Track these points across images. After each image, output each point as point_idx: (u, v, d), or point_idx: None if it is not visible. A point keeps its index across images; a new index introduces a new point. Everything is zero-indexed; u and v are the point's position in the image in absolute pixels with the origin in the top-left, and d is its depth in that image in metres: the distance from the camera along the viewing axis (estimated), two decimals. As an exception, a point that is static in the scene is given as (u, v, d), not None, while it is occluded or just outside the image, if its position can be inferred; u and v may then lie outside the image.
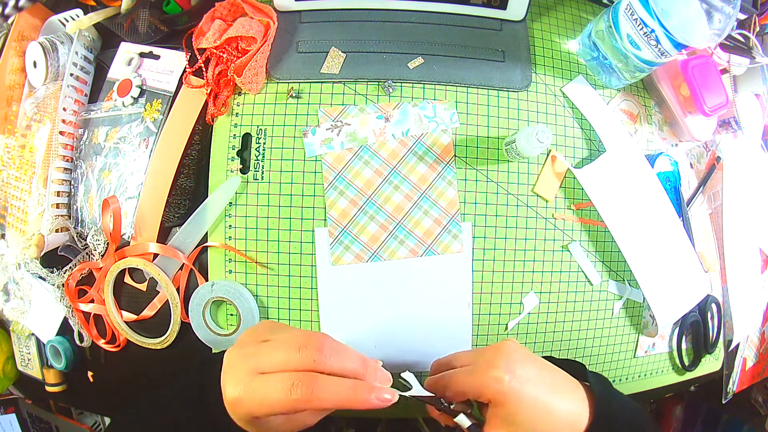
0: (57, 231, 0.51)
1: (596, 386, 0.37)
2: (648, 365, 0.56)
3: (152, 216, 0.48)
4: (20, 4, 0.54)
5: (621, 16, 0.46)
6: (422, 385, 0.38)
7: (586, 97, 0.52)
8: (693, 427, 0.73)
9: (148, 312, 0.51)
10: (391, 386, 0.34)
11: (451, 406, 0.37)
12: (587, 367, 0.41)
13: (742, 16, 0.54)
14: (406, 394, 0.35)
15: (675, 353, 0.57)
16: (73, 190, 0.53)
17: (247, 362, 0.33)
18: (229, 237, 0.49)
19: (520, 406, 0.34)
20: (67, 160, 0.53)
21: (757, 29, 0.55)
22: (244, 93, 0.50)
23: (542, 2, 0.54)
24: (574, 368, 0.39)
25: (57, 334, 0.55)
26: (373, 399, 0.32)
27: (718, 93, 0.51)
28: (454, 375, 0.37)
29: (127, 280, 0.51)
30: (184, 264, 0.49)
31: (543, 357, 0.39)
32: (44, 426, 0.69)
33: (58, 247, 0.52)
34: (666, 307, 0.52)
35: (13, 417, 0.67)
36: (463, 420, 0.36)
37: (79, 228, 0.53)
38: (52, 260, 0.52)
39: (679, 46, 0.44)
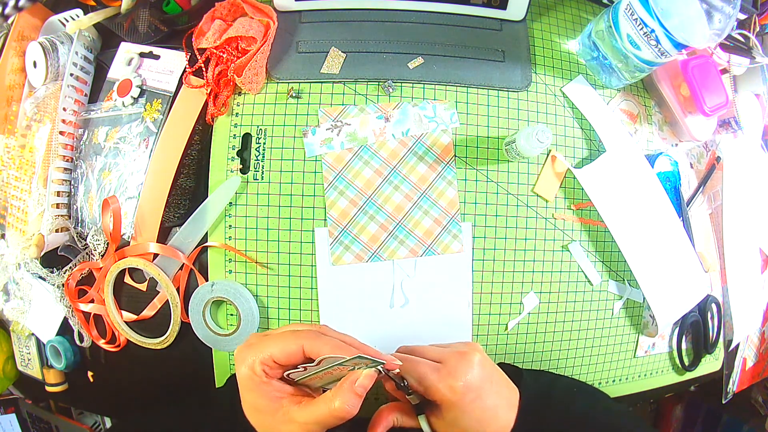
0: (57, 231, 0.51)
1: (526, 394, 0.40)
2: (648, 365, 0.56)
3: (152, 216, 0.48)
4: (20, 4, 0.54)
5: (621, 16, 0.46)
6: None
7: (586, 97, 0.52)
8: (693, 427, 0.73)
9: (148, 312, 0.51)
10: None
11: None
12: (571, 361, 0.44)
13: (742, 16, 0.54)
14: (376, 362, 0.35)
15: (675, 353, 0.57)
16: (73, 190, 0.53)
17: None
18: (229, 237, 0.49)
19: (465, 414, 0.37)
20: (67, 160, 0.53)
21: (757, 29, 0.55)
22: (244, 93, 0.50)
23: (542, 2, 0.54)
24: (513, 372, 0.42)
25: (57, 334, 0.55)
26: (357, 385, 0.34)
27: (718, 93, 0.51)
28: (417, 365, 0.38)
29: (127, 280, 0.51)
30: (184, 264, 0.49)
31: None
32: (44, 426, 0.69)
33: (58, 247, 0.52)
34: (666, 307, 0.52)
35: (13, 417, 0.67)
36: (414, 397, 0.39)
37: (79, 228, 0.53)
38: (52, 260, 0.52)
39: (679, 46, 0.44)
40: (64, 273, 0.52)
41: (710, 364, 0.60)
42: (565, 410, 0.42)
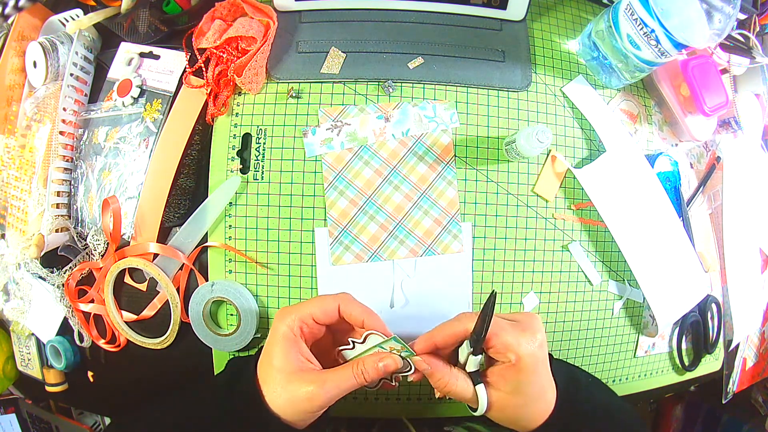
0: (57, 231, 0.51)
1: (561, 382, 0.39)
2: (648, 365, 0.56)
3: (152, 216, 0.48)
4: (20, 4, 0.54)
5: (621, 16, 0.46)
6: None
7: (586, 97, 0.52)
8: (693, 427, 0.73)
9: (148, 312, 0.51)
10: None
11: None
12: (571, 361, 0.44)
13: (742, 16, 0.54)
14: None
15: (675, 353, 0.57)
16: (73, 190, 0.53)
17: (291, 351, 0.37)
18: (229, 237, 0.49)
19: (532, 377, 0.36)
20: (67, 160, 0.53)
21: (757, 29, 0.55)
22: (244, 93, 0.50)
23: (542, 2, 0.54)
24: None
25: (57, 334, 0.55)
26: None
27: (718, 93, 0.51)
28: (497, 319, 0.38)
29: (127, 280, 0.51)
30: (184, 264, 0.49)
31: None
32: (44, 426, 0.69)
33: (58, 247, 0.52)
34: (666, 307, 0.52)
35: (13, 417, 0.67)
36: (476, 361, 0.37)
37: (79, 228, 0.53)
38: (52, 260, 0.52)
39: (679, 46, 0.44)
40: (64, 273, 0.52)
41: (710, 364, 0.60)
42: (590, 398, 0.41)
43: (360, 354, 0.39)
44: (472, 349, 0.37)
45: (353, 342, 0.39)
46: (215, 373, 0.51)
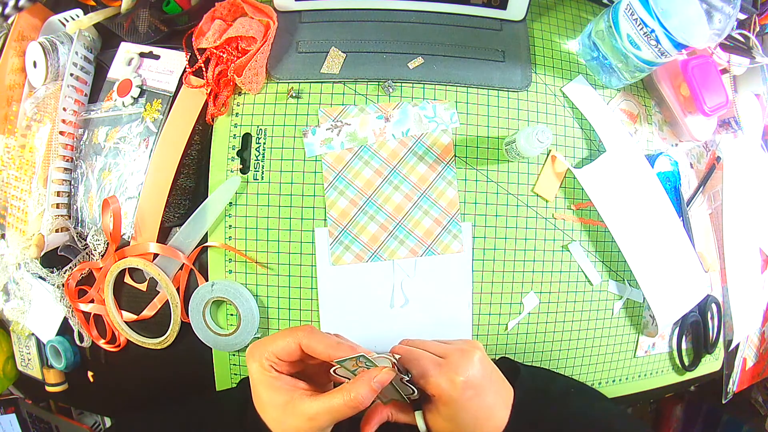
0: (57, 231, 0.51)
1: (520, 392, 0.40)
2: (648, 365, 0.56)
3: (152, 216, 0.48)
4: (20, 4, 0.54)
5: (621, 16, 0.46)
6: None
7: (586, 97, 0.52)
8: (693, 427, 0.73)
9: (148, 312, 0.51)
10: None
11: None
12: (571, 361, 0.45)
13: (742, 16, 0.54)
14: (387, 356, 0.37)
15: (675, 353, 0.57)
16: (73, 190, 0.53)
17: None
18: (229, 237, 0.49)
19: (463, 411, 0.37)
20: (67, 160, 0.53)
21: (757, 29, 0.55)
22: (244, 93, 0.50)
23: (542, 2, 0.54)
24: (509, 366, 0.43)
25: (57, 334, 0.55)
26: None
27: (718, 93, 0.51)
28: (421, 358, 0.39)
29: (127, 280, 0.51)
30: (184, 264, 0.49)
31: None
32: (44, 426, 0.69)
33: (58, 247, 0.52)
34: (666, 307, 0.52)
35: (13, 417, 0.67)
36: (413, 395, 0.39)
37: (79, 228, 0.53)
38: (52, 260, 0.52)
39: (679, 46, 0.44)
40: (64, 273, 0.52)
41: (710, 364, 0.60)
42: (560, 410, 0.42)
43: (345, 371, 0.37)
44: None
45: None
46: (217, 389, 0.51)
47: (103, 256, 0.51)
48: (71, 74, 0.53)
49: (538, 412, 0.40)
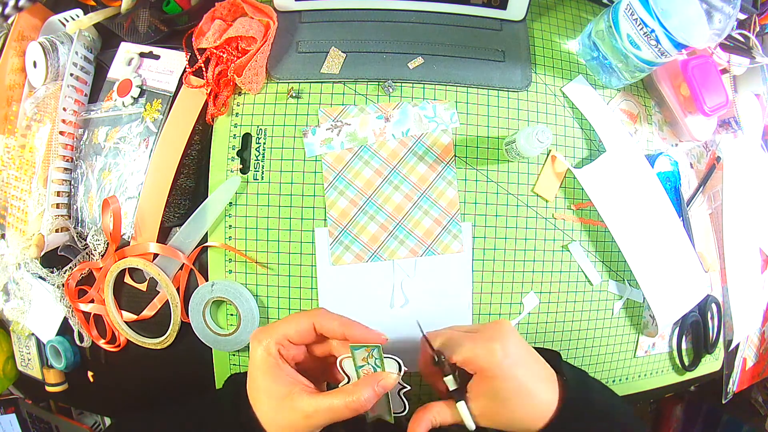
0: (57, 231, 0.51)
1: (569, 379, 0.38)
2: (648, 365, 0.56)
3: (152, 216, 0.48)
4: (20, 4, 0.54)
5: (621, 16, 0.46)
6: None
7: (586, 97, 0.52)
8: (693, 427, 0.73)
9: (148, 312, 0.51)
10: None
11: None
12: (571, 361, 0.43)
13: (742, 16, 0.54)
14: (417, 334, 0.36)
15: (675, 353, 0.57)
16: (73, 190, 0.53)
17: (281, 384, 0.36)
18: (229, 237, 0.49)
19: (505, 383, 0.36)
20: (67, 160, 0.53)
21: (757, 29, 0.55)
22: (244, 93, 0.50)
23: (542, 2, 0.54)
24: (549, 356, 0.41)
25: (57, 334, 0.55)
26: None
27: (718, 93, 0.51)
28: (455, 334, 0.38)
29: (127, 280, 0.51)
30: (184, 264, 0.49)
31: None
32: (44, 426, 0.69)
33: (58, 247, 0.52)
34: (666, 307, 0.52)
35: (13, 417, 0.67)
36: (451, 380, 0.38)
37: (79, 228, 0.53)
38: (52, 260, 0.52)
39: (679, 46, 0.44)
40: (64, 273, 0.52)
41: (710, 364, 0.60)
42: (603, 403, 0.41)
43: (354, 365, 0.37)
44: (443, 372, 0.38)
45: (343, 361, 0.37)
46: (216, 388, 0.50)
47: (103, 256, 0.51)
48: (71, 74, 0.53)
49: (585, 399, 0.38)
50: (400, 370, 0.37)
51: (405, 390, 0.38)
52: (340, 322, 0.36)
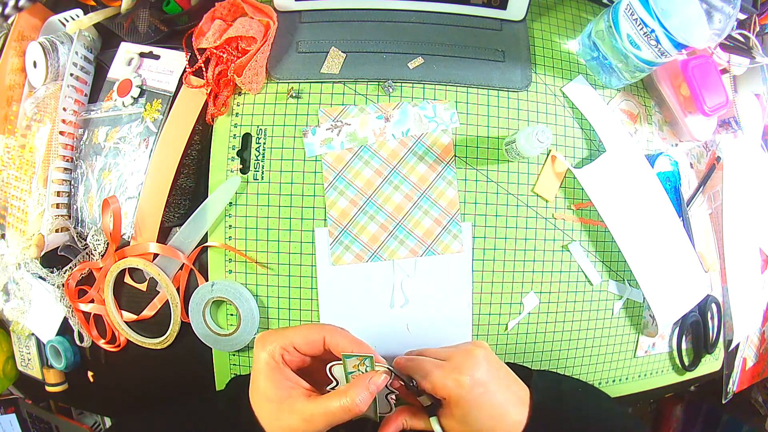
0: (57, 231, 0.51)
1: (541, 396, 0.40)
2: (648, 365, 0.56)
3: (152, 216, 0.48)
4: (20, 4, 0.54)
5: (621, 16, 0.46)
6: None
7: (586, 97, 0.52)
8: (693, 427, 0.73)
9: (148, 312, 0.51)
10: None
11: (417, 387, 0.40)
12: (571, 360, 0.45)
13: (742, 16, 0.54)
14: (384, 367, 0.37)
15: (675, 353, 0.57)
16: (73, 190, 0.53)
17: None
18: (229, 237, 0.49)
19: (473, 410, 0.37)
20: (67, 160, 0.53)
21: (757, 29, 0.55)
22: (244, 93, 0.50)
23: (542, 2, 0.54)
24: (525, 374, 0.42)
25: (57, 334, 0.55)
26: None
27: (718, 93, 0.51)
28: (423, 363, 0.39)
29: (127, 280, 0.51)
30: (184, 264, 0.49)
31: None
32: (44, 426, 0.69)
33: (58, 247, 0.52)
34: (666, 307, 0.52)
35: (13, 417, 0.67)
36: (425, 399, 0.39)
37: (79, 228, 0.53)
38: (52, 260, 0.52)
39: (679, 46, 0.44)
40: (64, 273, 0.52)
41: (710, 364, 0.60)
42: (577, 410, 0.42)
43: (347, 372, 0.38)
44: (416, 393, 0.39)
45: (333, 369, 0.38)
46: (217, 389, 0.51)
47: (103, 256, 0.51)
48: (71, 74, 0.53)
49: (557, 412, 0.39)
50: (391, 376, 0.38)
51: (392, 395, 0.40)
52: (350, 340, 0.37)
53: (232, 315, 0.49)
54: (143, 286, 0.51)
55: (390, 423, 0.40)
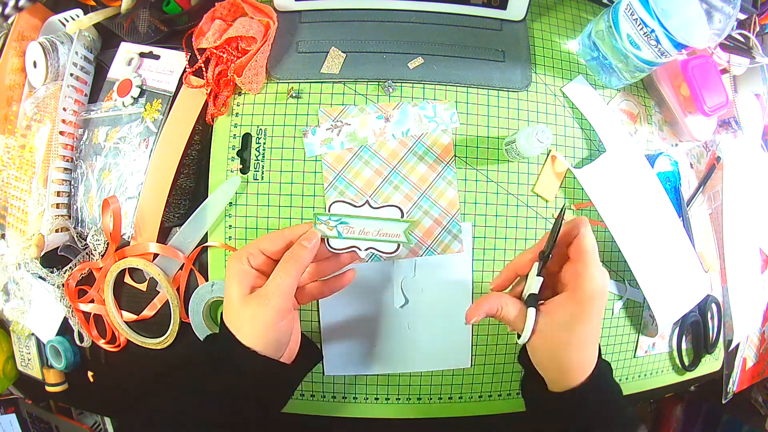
0: (57, 231, 0.51)
1: (602, 362, 0.39)
2: (648, 365, 0.56)
3: (152, 216, 0.48)
4: (20, 4, 0.54)
5: (621, 16, 0.46)
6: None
7: (586, 97, 0.52)
8: (693, 427, 0.73)
9: (148, 312, 0.51)
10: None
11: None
12: None
13: (742, 16, 0.54)
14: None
15: (675, 353, 0.57)
16: (73, 190, 0.53)
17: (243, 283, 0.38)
18: (229, 237, 0.49)
19: (584, 319, 0.35)
20: (67, 160, 0.53)
21: (757, 29, 0.55)
22: (244, 93, 0.50)
23: (542, 2, 0.54)
24: None
25: (57, 334, 0.55)
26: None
27: (718, 93, 0.51)
28: (589, 246, 0.36)
29: (127, 280, 0.51)
30: (184, 264, 0.49)
31: None
32: (44, 426, 0.69)
33: (58, 247, 0.52)
34: (666, 307, 0.52)
35: (13, 417, 0.67)
36: (538, 282, 0.37)
37: (79, 228, 0.53)
38: (52, 260, 0.52)
39: (679, 46, 0.44)
40: (64, 273, 0.52)
41: (710, 364, 0.60)
42: (617, 391, 0.41)
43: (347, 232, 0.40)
44: (538, 269, 0.37)
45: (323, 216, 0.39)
46: None
47: (103, 256, 0.51)
48: (71, 74, 0.53)
49: (607, 380, 0.39)
50: (402, 215, 0.40)
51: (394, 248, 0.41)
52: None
53: (232, 315, 0.49)
54: (143, 286, 0.51)
55: (488, 300, 0.38)
